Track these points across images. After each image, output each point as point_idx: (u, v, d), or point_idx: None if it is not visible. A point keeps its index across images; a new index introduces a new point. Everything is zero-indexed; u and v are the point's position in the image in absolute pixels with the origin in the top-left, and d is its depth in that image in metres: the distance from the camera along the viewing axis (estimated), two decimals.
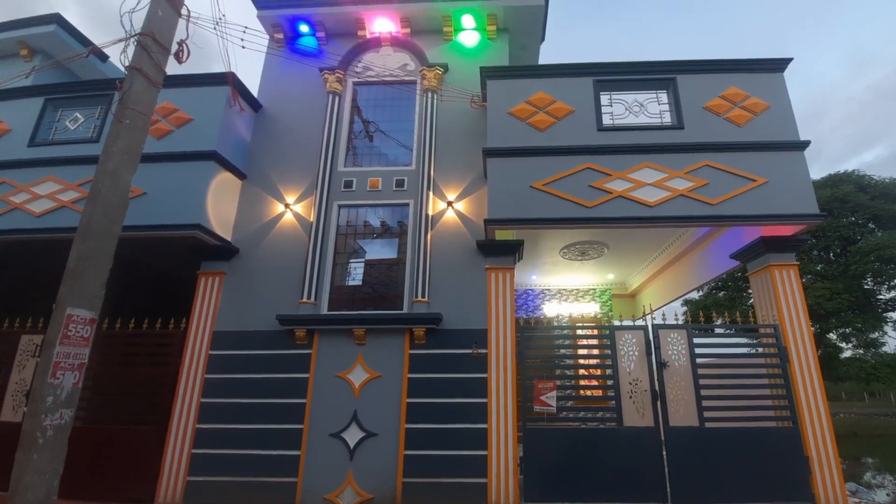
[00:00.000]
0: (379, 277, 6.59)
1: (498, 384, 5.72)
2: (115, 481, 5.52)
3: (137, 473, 5.56)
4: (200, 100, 6.52)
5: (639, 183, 5.93)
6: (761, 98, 6.22)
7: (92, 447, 5.48)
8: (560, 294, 11.04)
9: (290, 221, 6.68)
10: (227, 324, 6.16)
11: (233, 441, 5.67)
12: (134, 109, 4.09)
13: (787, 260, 6.08)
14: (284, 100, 7.41)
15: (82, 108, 6.98)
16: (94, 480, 5.47)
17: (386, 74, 7.49)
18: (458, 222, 6.54)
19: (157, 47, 4.29)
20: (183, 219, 5.87)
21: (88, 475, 5.40)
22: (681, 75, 6.42)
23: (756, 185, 5.81)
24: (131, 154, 4.10)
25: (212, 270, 6.42)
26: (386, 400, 5.75)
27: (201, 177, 6.13)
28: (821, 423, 5.42)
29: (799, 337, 5.77)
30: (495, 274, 6.23)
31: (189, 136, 6.35)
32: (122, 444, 5.68)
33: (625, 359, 5.82)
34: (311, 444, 5.63)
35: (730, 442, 5.36)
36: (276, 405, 5.78)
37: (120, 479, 5.54)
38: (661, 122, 6.35)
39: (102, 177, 3.90)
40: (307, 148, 7.03)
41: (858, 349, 15.00)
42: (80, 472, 4.91)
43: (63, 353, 3.38)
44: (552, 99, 6.40)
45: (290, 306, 6.16)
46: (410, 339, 5.97)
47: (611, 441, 5.46)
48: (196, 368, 5.94)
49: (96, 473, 5.51)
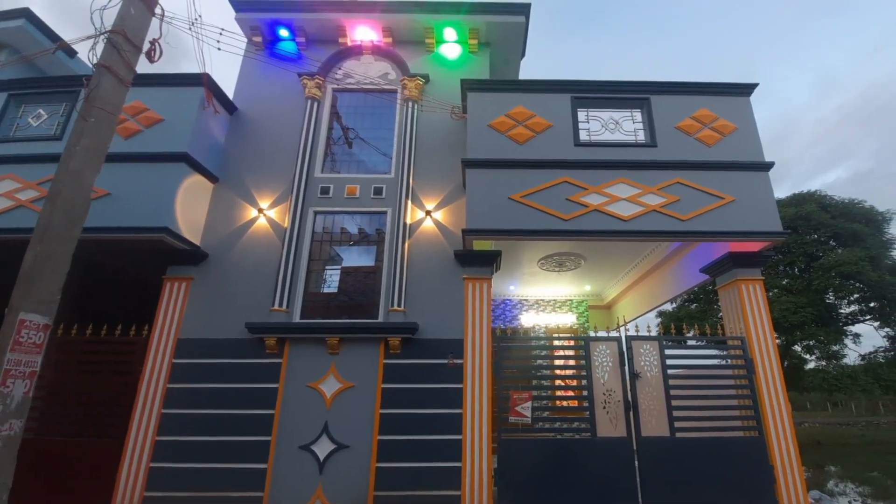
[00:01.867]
0: (354, 286, 6.48)
1: (474, 394, 5.68)
2: (69, 497, 5.26)
3: (92, 489, 5.29)
4: (173, 100, 6.34)
5: (614, 197, 6.06)
6: (729, 120, 6.49)
7: (45, 460, 5.22)
8: (538, 305, 11.12)
9: (263, 227, 6.53)
10: (193, 331, 5.94)
11: (195, 454, 5.43)
12: (101, 108, 3.94)
13: (753, 275, 6.31)
14: (261, 103, 7.29)
15: (46, 105, 6.71)
16: (47, 496, 5.20)
17: (366, 82, 7.48)
18: (436, 231, 6.53)
19: (128, 45, 4.16)
20: (149, 221, 5.67)
21: (40, 490, 5.15)
22: (654, 96, 6.64)
23: (724, 203, 6.03)
24: (96, 154, 3.94)
25: (178, 276, 6.20)
26: (359, 411, 5.63)
27: (171, 178, 5.94)
28: (785, 432, 5.60)
29: (764, 349, 5.96)
30: (473, 284, 6.23)
31: (159, 137, 6.16)
32: (78, 457, 5.41)
33: (599, 369, 5.89)
34: (279, 456, 5.44)
35: (699, 451, 5.47)
36: (242, 416, 5.58)
37: (74, 495, 5.28)
38: (636, 140, 6.53)
39: (64, 176, 3.73)
40: (283, 153, 6.92)
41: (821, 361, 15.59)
42: (30, 487, 4.69)
43: (14, 361, 3.20)
44: (531, 113, 6.51)
45: (262, 314, 5.99)
46: (385, 348, 5.88)
47: (585, 451, 5.48)
48: (158, 378, 5.68)
49: (49, 488, 5.24)
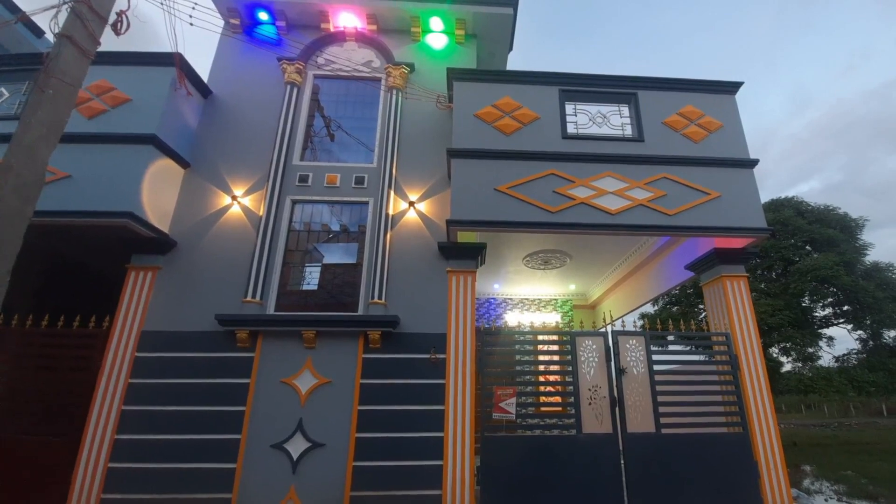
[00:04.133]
0: (333, 277, 6.21)
1: (456, 391, 5.48)
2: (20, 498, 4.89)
3: (46, 490, 4.93)
4: (142, 80, 6.00)
5: (601, 191, 5.97)
6: (715, 117, 6.48)
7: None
8: (522, 303, 11.01)
9: (236, 215, 6.21)
10: (159, 323, 5.59)
11: (158, 454, 5.09)
12: (59, 80, 3.61)
13: (737, 271, 6.30)
14: (238, 87, 6.97)
15: (9, 84, 6.34)
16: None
17: (349, 69, 7.24)
18: (419, 223, 6.32)
19: (93, 16, 3.86)
20: (112, 206, 5.31)
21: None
22: (641, 91, 6.60)
23: (710, 199, 6.00)
24: (52, 128, 3.61)
25: (144, 265, 5.84)
26: (335, 407, 5.37)
27: (137, 162, 5.59)
28: (768, 428, 5.57)
29: (749, 345, 5.94)
30: (456, 277, 6.05)
31: (126, 118, 5.81)
32: (29, 456, 5.04)
33: (585, 365, 5.77)
34: (249, 456, 5.14)
35: (685, 447, 5.40)
36: (210, 413, 5.26)
37: (26, 496, 4.91)
38: (623, 134, 6.47)
39: (17, 150, 3.40)
40: (260, 139, 6.62)
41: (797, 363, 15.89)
42: None
43: None
44: (518, 105, 6.38)
45: (234, 306, 5.68)
46: (365, 342, 5.64)
47: (570, 448, 5.34)
48: (119, 372, 5.32)
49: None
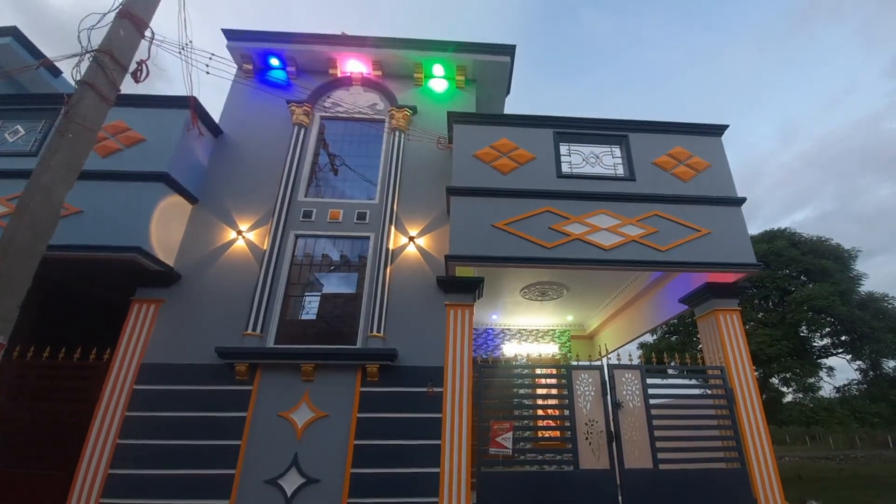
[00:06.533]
0: (333, 311, 6.31)
1: (453, 425, 5.49)
2: None
3: None
4: (157, 121, 6.33)
5: (595, 227, 6.18)
6: (703, 158, 6.79)
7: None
8: (520, 334, 11.04)
9: (241, 249, 6.39)
10: (159, 356, 5.65)
11: (151, 489, 5.03)
12: (80, 124, 3.85)
13: (730, 305, 6.43)
14: (247, 127, 7.33)
15: (25, 121, 6.64)
16: None
17: (355, 111, 7.62)
18: (418, 257, 6.50)
19: (114, 65, 4.15)
20: (121, 241, 5.49)
21: None
22: (632, 133, 6.94)
23: (700, 235, 6.21)
24: (70, 169, 3.82)
25: (148, 298, 5.95)
26: (331, 442, 5.35)
27: (147, 198, 5.82)
28: (766, 464, 5.54)
29: (743, 378, 5.99)
30: (454, 311, 6.16)
31: (139, 157, 6.08)
32: (21, 490, 4.95)
33: (581, 399, 5.80)
34: (243, 491, 5.08)
35: (683, 484, 5.34)
36: (205, 447, 5.23)
37: None
38: (615, 174, 6.75)
39: (34, 190, 3.60)
40: (267, 176, 6.89)
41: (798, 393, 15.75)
42: None
43: None
44: (515, 146, 6.69)
45: (235, 338, 5.76)
46: (363, 376, 5.69)
47: (567, 485, 5.29)
48: (116, 405, 5.34)
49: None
